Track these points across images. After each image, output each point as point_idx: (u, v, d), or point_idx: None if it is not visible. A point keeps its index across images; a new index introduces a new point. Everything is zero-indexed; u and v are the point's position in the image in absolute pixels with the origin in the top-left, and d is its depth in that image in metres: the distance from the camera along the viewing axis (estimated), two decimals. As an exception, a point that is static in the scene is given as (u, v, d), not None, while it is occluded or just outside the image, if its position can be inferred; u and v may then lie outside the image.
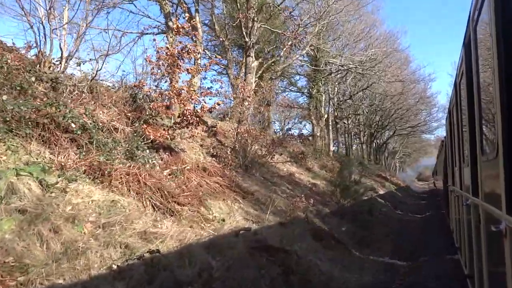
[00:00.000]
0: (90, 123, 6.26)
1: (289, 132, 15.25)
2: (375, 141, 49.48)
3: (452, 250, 7.41)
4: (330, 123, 27.29)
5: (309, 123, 28.47)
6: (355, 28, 26.50)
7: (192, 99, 7.82)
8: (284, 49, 18.59)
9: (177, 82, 8.12)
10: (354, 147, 50.85)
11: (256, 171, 11.09)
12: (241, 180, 9.83)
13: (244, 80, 13.48)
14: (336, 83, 28.53)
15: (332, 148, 27.38)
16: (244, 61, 16.37)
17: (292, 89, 27.95)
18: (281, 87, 28.35)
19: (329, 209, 11.40)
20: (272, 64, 19.64)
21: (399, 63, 30.23)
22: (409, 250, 9.01)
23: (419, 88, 40.57)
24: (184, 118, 7.66)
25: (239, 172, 10.52)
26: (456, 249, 6.88)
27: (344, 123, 36.58)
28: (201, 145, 10.84)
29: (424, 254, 8.41)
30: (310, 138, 25.30)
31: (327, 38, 25.98)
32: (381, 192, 21.93)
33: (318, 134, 26.48)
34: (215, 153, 10.68)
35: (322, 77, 26.13)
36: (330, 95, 27.32)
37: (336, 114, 32.61)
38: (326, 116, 27.40)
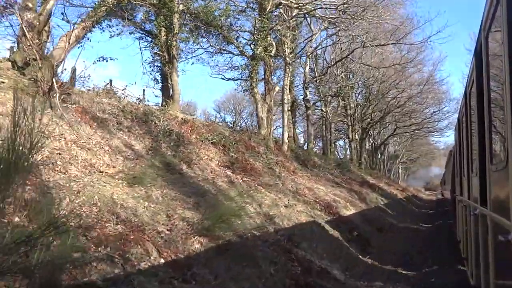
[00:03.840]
0: None
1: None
2: (370, 140, 39.83)
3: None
4: (286, 101, 17.76)
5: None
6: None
7: None
8: None
9: None
10: (349, 148, 41.32)
11: None
12: None
13: None
14: (296, 41, 19.08)
15: (287, 140, 17.86)
16: None
17: (230, 49, 18.58)
18: (217, 46, 18.93)
19: None
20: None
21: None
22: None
23: (424, 66, 30.94)
24: None
25: None
26: (462, 260, 6.90)
27: (322, 110, 27.03)
28: None
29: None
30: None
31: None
32: (347, 212, 12.33)
33: (263, 115, 17.02)
34: None
35: (270, 28, 16.72)
36: (288, 58, 17.77)
37: (305, 94, 23.13)
38: (277, 89, 17.95)
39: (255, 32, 16.79)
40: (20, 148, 3.17)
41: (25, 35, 8.31)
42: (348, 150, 37.32)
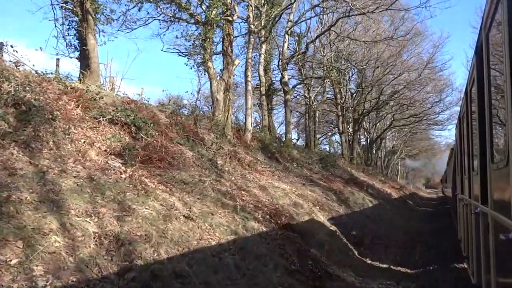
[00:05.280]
0: None
1: None
2: (365, 133, 36.31)
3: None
4: (249, 79, 14.24)
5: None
6: None
7: None
8: None
9: None
10: (340, 142, 37.62)
11: None
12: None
13: None
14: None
15: (250, 127, 14.37)
16: None
17: (185, 18, 15.05)
18: (168, 13, 15.40)
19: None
20: None
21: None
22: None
23: (423, 50, 27.35)
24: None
25: None
26: (463, 258, 6.77)
27: (305, 97, 23.47)
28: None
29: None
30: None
31: None
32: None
33: (218, 96, 13.51)
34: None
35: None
36: (253, 26, 14.23)
37: (282, 76, 19.59)
38: (237, 63, 14.45)
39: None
40: None
41: None
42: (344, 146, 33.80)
